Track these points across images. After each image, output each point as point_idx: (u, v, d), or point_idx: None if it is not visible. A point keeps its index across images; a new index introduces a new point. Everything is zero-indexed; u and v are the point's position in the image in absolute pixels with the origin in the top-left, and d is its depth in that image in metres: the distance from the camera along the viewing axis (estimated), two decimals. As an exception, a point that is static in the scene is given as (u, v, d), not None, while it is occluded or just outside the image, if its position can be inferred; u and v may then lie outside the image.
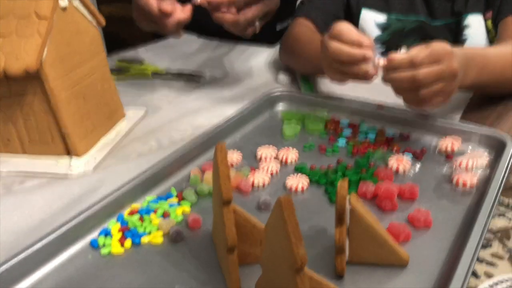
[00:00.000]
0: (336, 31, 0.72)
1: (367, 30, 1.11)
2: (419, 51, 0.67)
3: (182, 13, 0.85)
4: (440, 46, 0.68)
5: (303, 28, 1.04)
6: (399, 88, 0.71)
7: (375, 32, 1.10)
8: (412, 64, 0.67)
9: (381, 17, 1.08)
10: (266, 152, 0.73)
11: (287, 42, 1.05)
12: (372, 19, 1.10)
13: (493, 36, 0.99)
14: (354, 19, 1.11)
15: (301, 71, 1.04)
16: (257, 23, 0.91)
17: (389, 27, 1.09)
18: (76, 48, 0.72)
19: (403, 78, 0.68)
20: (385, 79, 0.70)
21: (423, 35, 1.06)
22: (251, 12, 0.87)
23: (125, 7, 3.02)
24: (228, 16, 0.86)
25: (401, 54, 0.69)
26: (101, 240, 0.56)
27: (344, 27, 0.72)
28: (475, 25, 1.00)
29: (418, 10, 1.05)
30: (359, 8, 1.10)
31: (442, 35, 1.04)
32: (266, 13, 0.92)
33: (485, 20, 0.99)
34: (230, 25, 0.88)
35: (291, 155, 0.72)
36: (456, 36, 1.03)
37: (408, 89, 0.69)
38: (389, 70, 0.69)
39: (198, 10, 1.37)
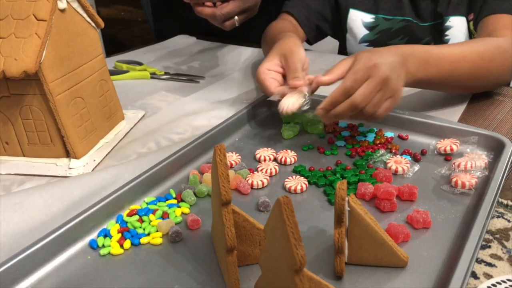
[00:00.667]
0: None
1: (354, 30, 1.12)
2: (347, 78, 0.67)
3: None
4: (362, 64, 0.68)
5: (282, 22, 1.07)
6: (344, 117, 0.71)
7: (363, 31, 1.11)
8: (346, 93, 0.67)
9: (369, 17, 1.10)
10: (264, 153, 0.73)
11: (265, 33, 1.08)
12: (359, 19, 1.11)
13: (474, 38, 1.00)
14: (342, 19, 1.13)
15: None
16: (236, 18, 0.97)
17: (376, 27, 1.10)
18: (75, 49, 0.72)
19: (344, 109, 0.68)
20: (328, 118, 0.70)
21: (409, 35, 1.07)
22: (227, 7, 0.94)
23: (123, 10, 3.03)
24: (206, 9, 0.94)
25: (336, 88, 0.68)
26: (100, 241, 0.56)
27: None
28: (457, 27, 1.01)
29: (405, 10, 1.06)
30: (347, 8, 1.11)
31: (427, 35, 1.05)
32: (245, 9, 0.98)
33: (468, 22, 1.00)
34: (208, 17, 0.95)
35: (290, 157, 0.72)
36: (439, 36, 1.04)
37: (353, 113, 0.69)
38: (328, 107, 0.69)
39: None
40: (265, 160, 0.72)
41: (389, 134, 0.78)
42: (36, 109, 0.70)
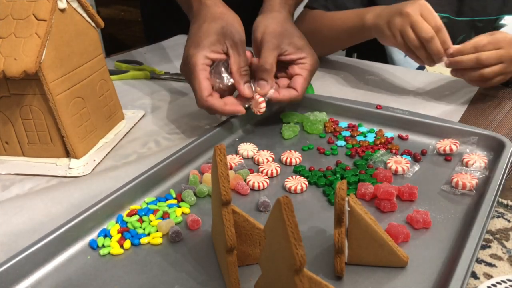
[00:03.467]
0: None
1: None
2: (482, 38, 0.82)
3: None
4: (499, 36, 0.82)
5: (322, 13, 1.08)
6: (463, 69, 0.84)
7: None
8: (476, 48, 0.82)
9: None
10: (263, 155, 0.73)
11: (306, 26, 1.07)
12: None
13: None
14: None
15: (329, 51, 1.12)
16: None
17: None
18: (75, 49, 0.72)
19: (468, 60, 0.82)
20: (451, 63, 0.84)
21: (448, 32, 1.06)
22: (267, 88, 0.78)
23: (123, 10, 3.03)
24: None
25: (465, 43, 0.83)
26: (100, 241, 0.56)
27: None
28: (511, 25, 1.04)
29: (446, 7, 1.05)
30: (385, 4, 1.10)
31: (466, 31, 1.04)
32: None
33: None
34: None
35: (294, 158, 0.71)
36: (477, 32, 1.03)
37: (471, 68, 0.83)
38: (456, 56, 0.83)
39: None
40: (264, 162, 0.72)
41: (389, 134, 0.78)
42: (36, 109, 0.70)
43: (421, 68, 1.11)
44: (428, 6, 0.84)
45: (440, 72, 1.08)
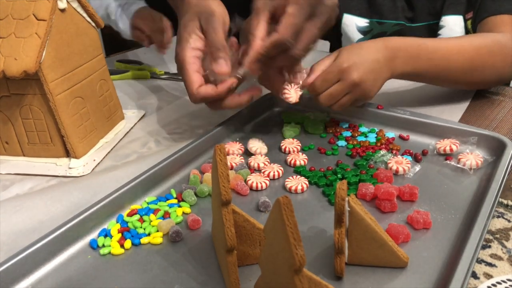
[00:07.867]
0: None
1: (349, 34, 1.12)
2: (317, 78, 0.71)
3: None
4: (336, 65, 0.71)
5: None
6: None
7: (357, 36, 1.11)
8: (315, 91, 0.72)
9: (363, 22, 1.09)
10: (257, 160, 0.72)
11: None
12: (353, 24, 1.10)
13: None
14: (336, 23, 1.12)
15: None
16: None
17: (371, 31, 1.10)
18: (75, 49, 0.72)
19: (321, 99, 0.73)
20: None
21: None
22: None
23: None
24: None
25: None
26: (100, 241, 0.56)
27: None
28: (450, 26, 1.01)
29: (399, 14, 1.06)
30: (341, 13, 1.10)
31: (422, 36, 1.05)
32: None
33: (466, 20, 0.99)
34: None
35: (300, 160, 0.71)
36: (433, 36, 1.03)
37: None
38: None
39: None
40: (257, 167, 0.71)
41: (390, 134, 0.78)
42: (36, 109, 0.70)
43: None
44: None
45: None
